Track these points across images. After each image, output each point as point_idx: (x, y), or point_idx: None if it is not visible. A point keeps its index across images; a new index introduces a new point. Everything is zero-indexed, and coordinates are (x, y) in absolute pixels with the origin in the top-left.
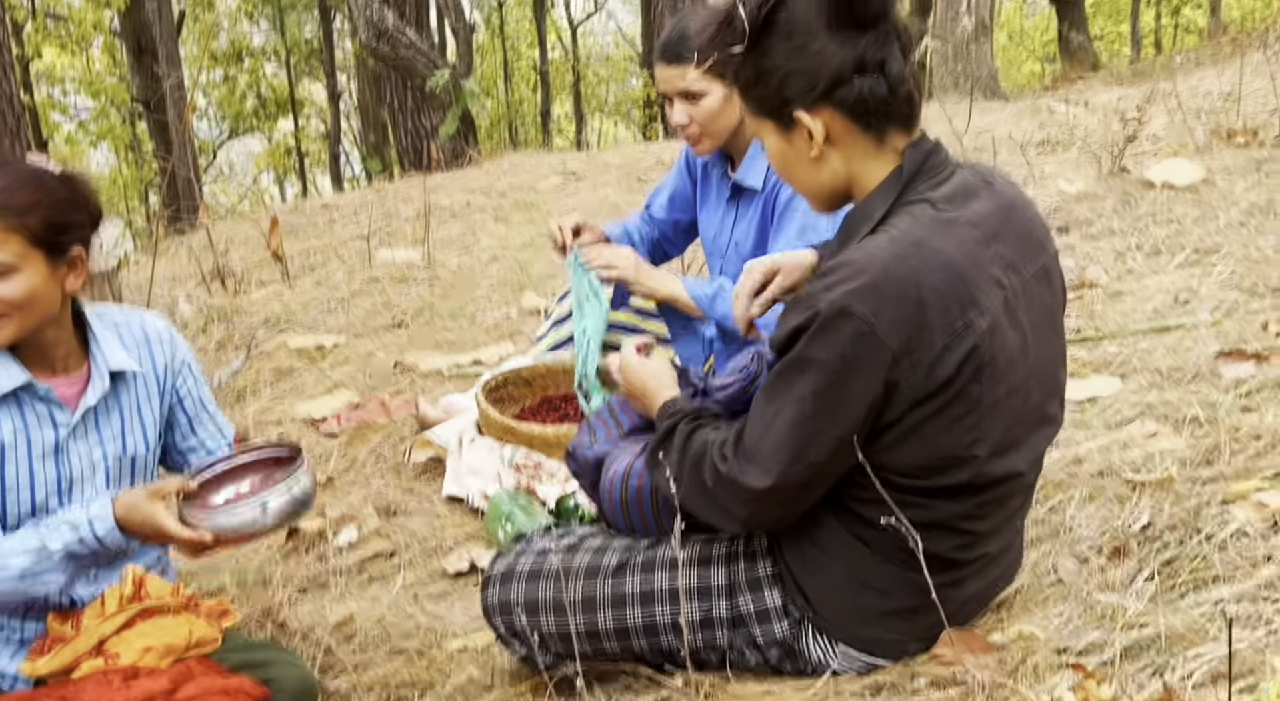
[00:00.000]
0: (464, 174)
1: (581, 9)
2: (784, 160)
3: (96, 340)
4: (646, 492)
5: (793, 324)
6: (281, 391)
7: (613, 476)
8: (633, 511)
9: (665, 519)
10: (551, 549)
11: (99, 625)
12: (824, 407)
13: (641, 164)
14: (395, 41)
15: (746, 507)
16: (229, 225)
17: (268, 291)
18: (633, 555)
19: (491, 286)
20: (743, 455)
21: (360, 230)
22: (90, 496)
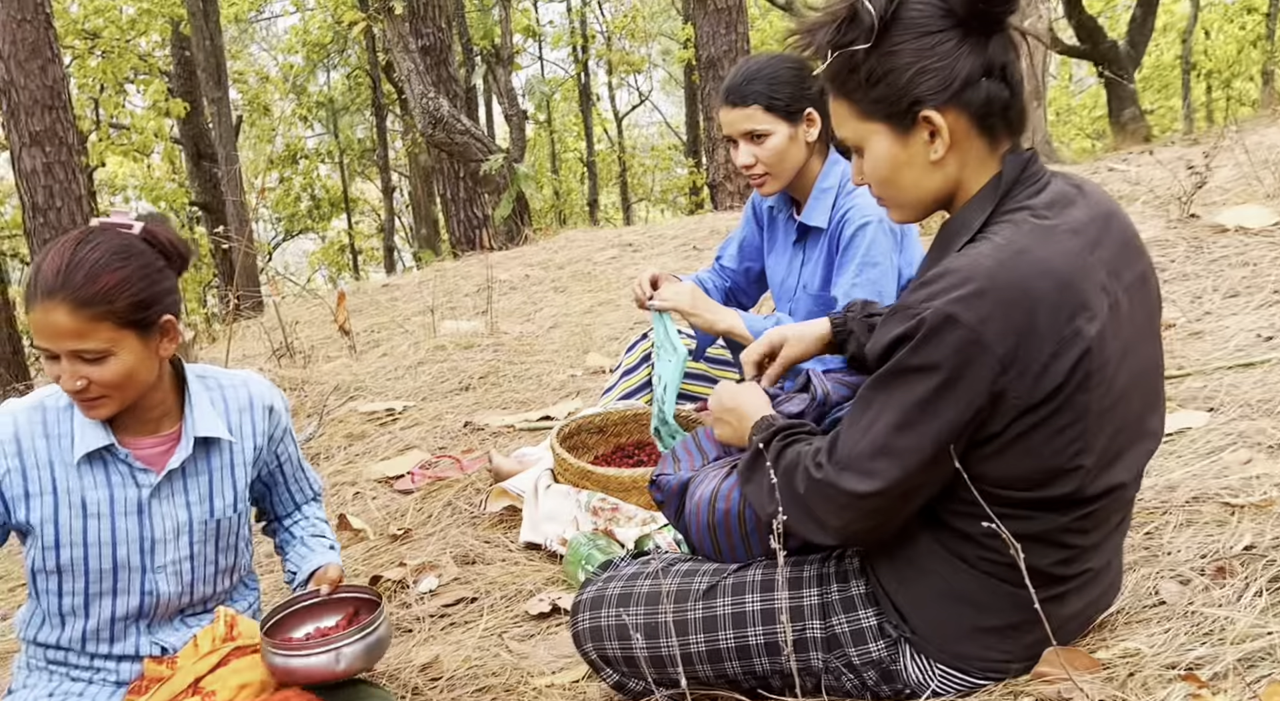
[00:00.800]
0: (521, 251)
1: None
2: (893, 165)
3: (191, 404)
4: (734, 515)
5: (894, 332)
6: (354, 454)
7: (699, 500)
8: (720, 535)
9: (754, 541)
10: (641, 573)
11: (194, 664)
12: (926, 415)
13: (696, 234)
14: (451, 128)
15: (842, 515)
16: (293, 307)
17: (336, 364)
18: (722, 578)
19: (555, 351)
20: (838, 461)
21: (422, 306)
22: (174, 556)
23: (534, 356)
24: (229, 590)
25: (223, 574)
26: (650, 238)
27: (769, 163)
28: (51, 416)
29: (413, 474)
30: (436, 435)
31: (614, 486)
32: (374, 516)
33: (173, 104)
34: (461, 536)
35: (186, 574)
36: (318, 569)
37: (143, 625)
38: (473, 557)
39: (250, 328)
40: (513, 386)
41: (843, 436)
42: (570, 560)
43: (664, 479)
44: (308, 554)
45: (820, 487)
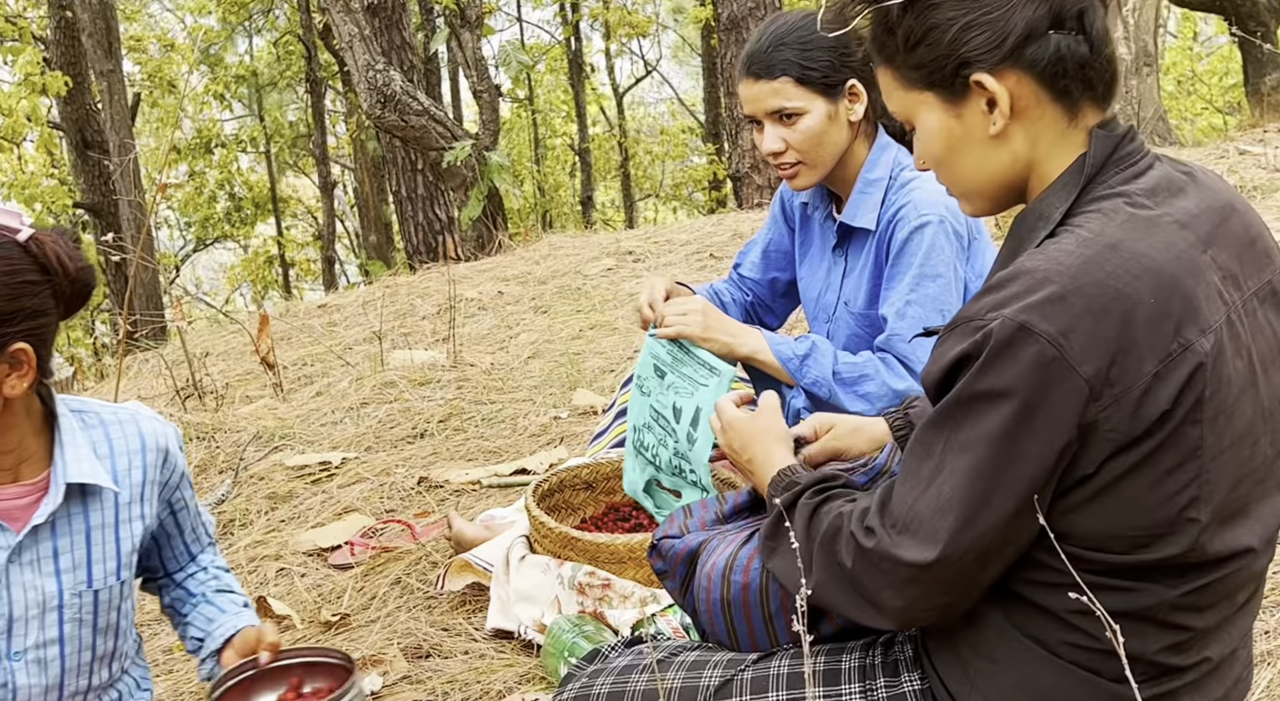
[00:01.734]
0: (494, 262)
1: (628, 74)
2: (947, 142)
3: (61, 444)
4: (755, 590)
5: (955, 352)
6: (279, 520)
7: (710, 570)
8: (736, 615)
9: (779, 625)
10: (636, 666)
11: None
12: (1002, 456)
13: (714, 239)
14: (404, 108)
15: (903, 593)
16: (204, 335)
17: (257, 406)
18: (739, 671)
19: (534, 387)
20: (894, 524)
21: (367, 332)
22: (37, 639)
23: (507, 394)
24: (109, 686)
25: (100, 662)
26: (656, 243)
27: (802, 149)
28: None
29: (352, 544)
30: (383, 495)
31: (605, 556)
32: (302, 598)
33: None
34: (413, 623)
35: (54, 663)
36: (236, 632)
37: None
38: (427, 649)
39: (148, 361)
40: (480, 431)
41: (898, 491)
42: (550, 651)
43: (667, 543)
44: (217, 615)
45: (873, 559)
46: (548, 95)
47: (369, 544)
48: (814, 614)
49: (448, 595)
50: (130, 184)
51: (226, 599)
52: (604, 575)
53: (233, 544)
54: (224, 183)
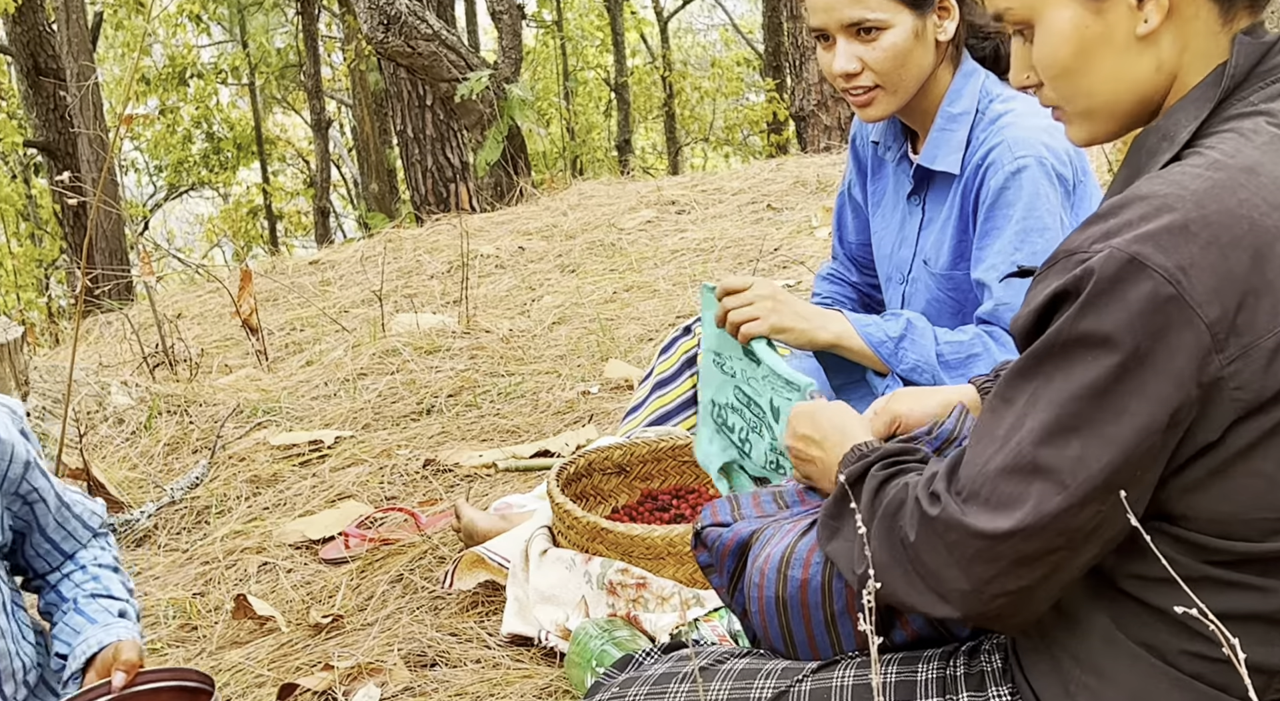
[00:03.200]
0: (514, 212)
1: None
2: (1080, 44)
3: None
4: (815, 589)
5: (1051, 288)
6: (262, 506)
7: (764, 564)
8: (793, 616)
9: (844, 628)
10: (674, 675)
11: None
12: (1100, 413)
13: (772, 187)
14: (412, 31)
15: (971, 571)
16: (176, 295)
17: (237, 377)
18: (796, 681)
19: (559, 356)
20: (962, 487)
21: (366, 293)
22: None
23: (528, 365)
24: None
25: None
26: (704, 192)
27: (882, 69)
28: None
29: (347, 535)
30: (383, 479)
31: (641, 551)
32: (288, 598)
33: None
34: (417, 626)
35: None
36: (100, 650)
37: None
38: (433, 657)
39: (110, 324)
40: (496, 408)
41: (970, 451)
42: (575, 660)
43: (713, 532)
44: (84, 626)
45: (937, 529)
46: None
47: (366, 535)
48: (885, 617)
49: (457, 595)
50: (91, 119)
51: (99, 605)
52: (639, 573)
53: (208, 534)
54: (200, 120)
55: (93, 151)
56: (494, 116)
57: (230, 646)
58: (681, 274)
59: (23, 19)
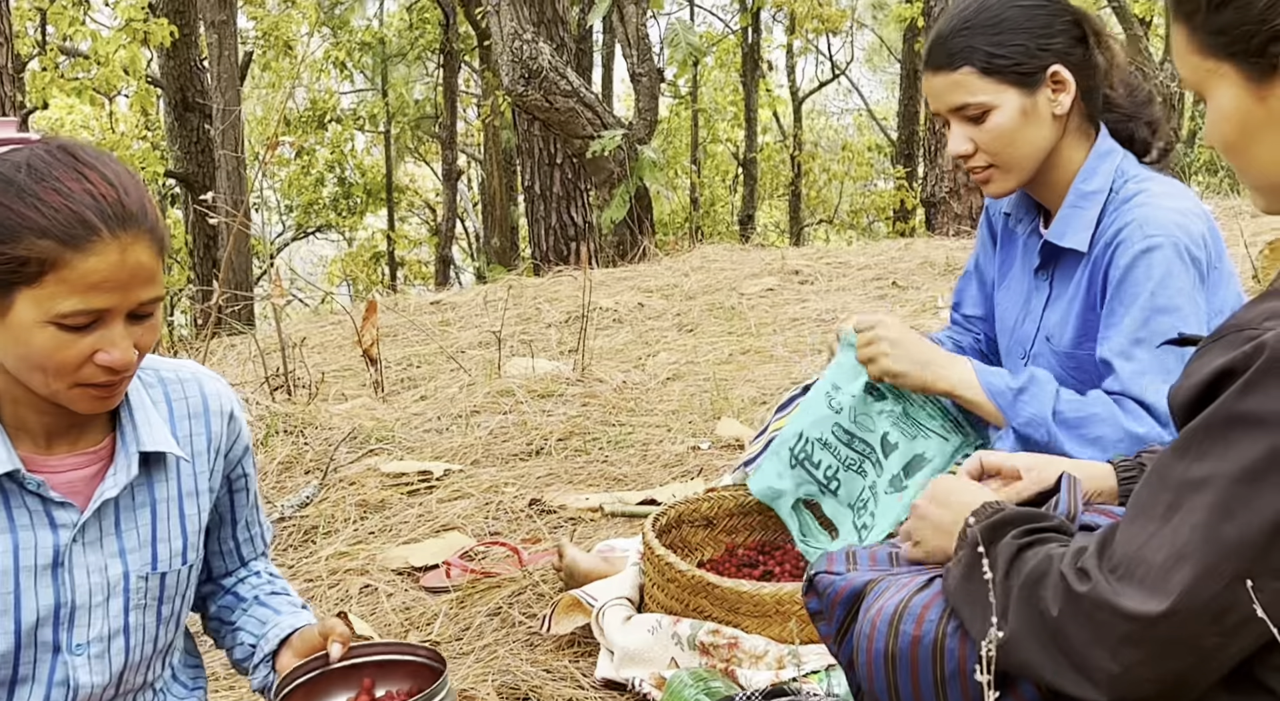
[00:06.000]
0: (635, 270)
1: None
2: (1242, 126)
3: (129, 407)
4: (926, 647)
5: (1216, 365)
6: (368, 531)
7: (876, 616)
8: (901, 673)
9: (953, 690)
10: None
11: None
12: (1261, 494)
13: (899, 264)
14: (551, 86)
15: (1119, 654)
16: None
17: (354, 405)
18: None
19: (671, 412)
20: (1115, 567)
21: (485, 335)
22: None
23: (641, 417)
24: (164, 684)
25: (159, 656)
26: (828, 265)
27: (993, 150)
28: None
29: (449, 565)
30: (488, 514)
31: (747, 608)
32: (388, 620)
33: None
34: (512, 660)
35: (117, 657)
36: (294, 632)
37: None
38: (526, 691)
39: (235, 347)
40: (604, 455)
41: (1123, 529)
42: None
43: (825, 579)
44: (271, 617)
45: (1085, 607)
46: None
47: (468, 566)
48: (997, 684)
49: (553, 636)
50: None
51: (282, 600)
52: (730, 632)
53: (314, 552)
54: (334, 164)
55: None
56: (623, 175)
57: None
58: (800, 342)
59: (176, 54)
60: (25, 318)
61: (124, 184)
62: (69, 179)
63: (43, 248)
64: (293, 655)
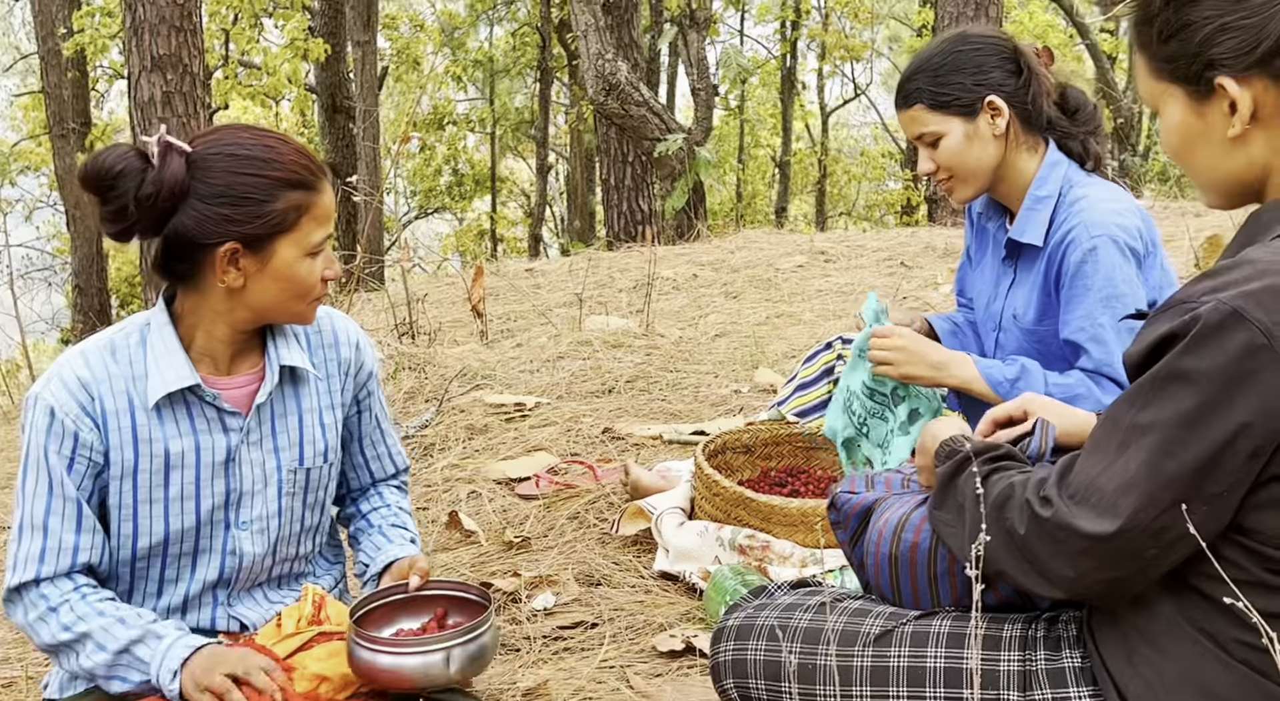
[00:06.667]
0: (690, 248)
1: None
2: (1185, 137)
3: (273, 337)
4: (923, 551)
5: (1161, 330)
6: (474, 449)
7: (882, 526)
8: (902, 572)
9: (943, 587)
10: (800, 605)
11: (274, 644)
12: (1194, 437)
13: (907, 248)
14: (627, 97)
15: (1075, 563)
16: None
17: (463, 349)
18: (900, 623)
19: (718, 362)
20: (1074, 494)
21: (568, 297)
22: (260, 511)
23: (693, 365)
24: (311, 556)
25: (308, 534)
26: (848, 247)
27: (949, 166)
28: (123, 355)
29: (538, 477)
30: (570, 438)
31: (778, 518)
32: (489, 520)
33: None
34: (587, 553)
35: (272, 531)
36: (395, 561)
37: (221, 595)
38: (598, 579)
39: (371, 301)
40: (664, 394)
41: (1080, 463)
42: (712, 595)
43: (844, 496)
44: (384, 544)
45: (1048, 528)
46: (757, 107)
47: (553, 479)
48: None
49: (620, 536)
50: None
51: (397, 533)
52: (764, 537)
53: (431, 464)
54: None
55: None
56: (683, 172)
57: (441, 550)
58: (825, 309)
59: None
60: (288, 257)
61: (297, 144)
62: (278, 144)
63: (296, 197)
64: (388, 578)
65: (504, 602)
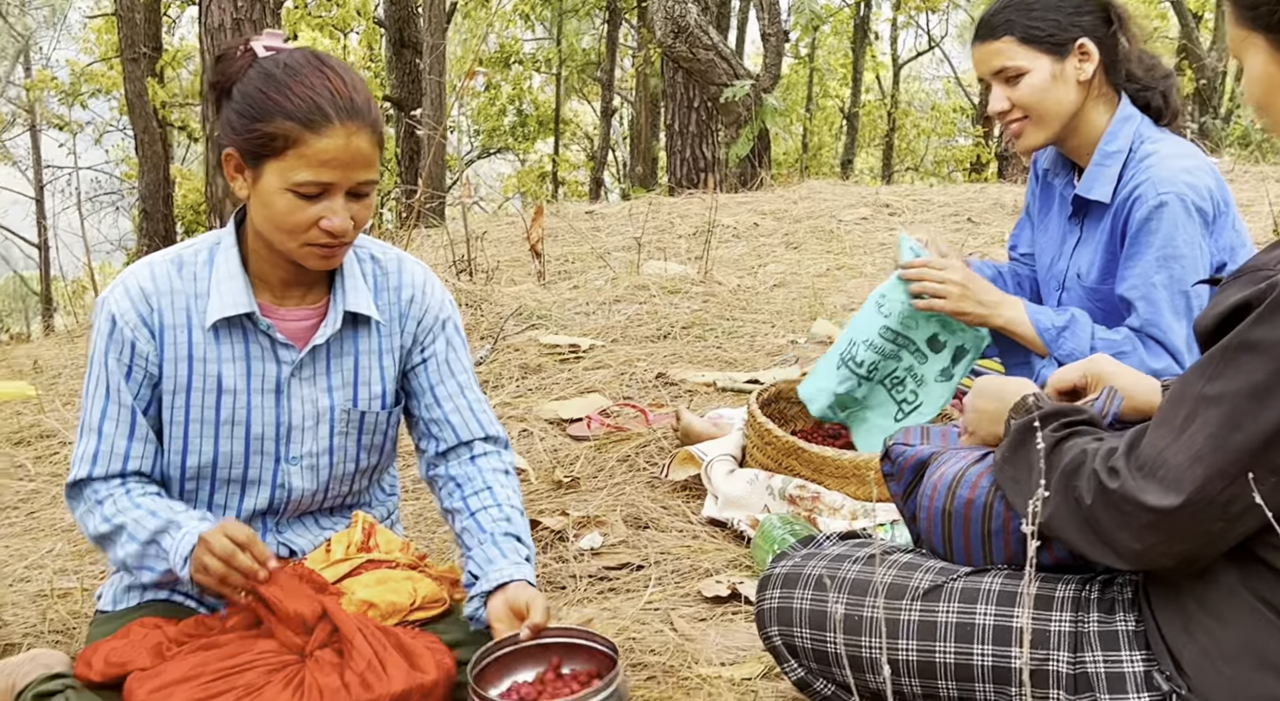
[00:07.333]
0: (753, 196)
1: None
2: (1267, 87)
3: (342, 275)
4: (979, 507)
5: (1234, 298)
6: (528, 388)
7: (937, 480)
8: (955, 527)
9: (996, 545)
10: (849, 556)
11: (323, 570)
12: (1264, 408)
13: (975, 204)
14: (695, 41)
15: (1141, 537)
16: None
17: (520, 289)
18: (950, 579)
19: (776, 312)
20: (1141, 467)
21: (627, 241)
22: (311, 447)
23: (750, 313)
24: (365, 492)
25: (362, 474)
26: (914, 201)
27: (1026, 104)
28: (189, 272)
29: (590, 419)
30: (623, 382)
31: (830, 470)
32: (539, 458)
33: None
34: (636, 496)
35: (323, 469)
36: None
37: (270, 522)
38: (645, 522)
39: (430, 237)
40: (719, 342)
41: (1149, 435)
42: (760, 543)
43: (900, 448)
44: (497, 559)
45: (1114, 500)
46: (828, 57)
47: (605, 421)
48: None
49: (670, 481)
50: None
51: (511, 546)
52: (814, 488)
53: None
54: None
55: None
56: (749, 119)
57: None
58: (887, 262)
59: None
60: (270, 184)
61: (356, 85)
62: (314, 76)
63: (287, 127)
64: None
65: (550, 540)
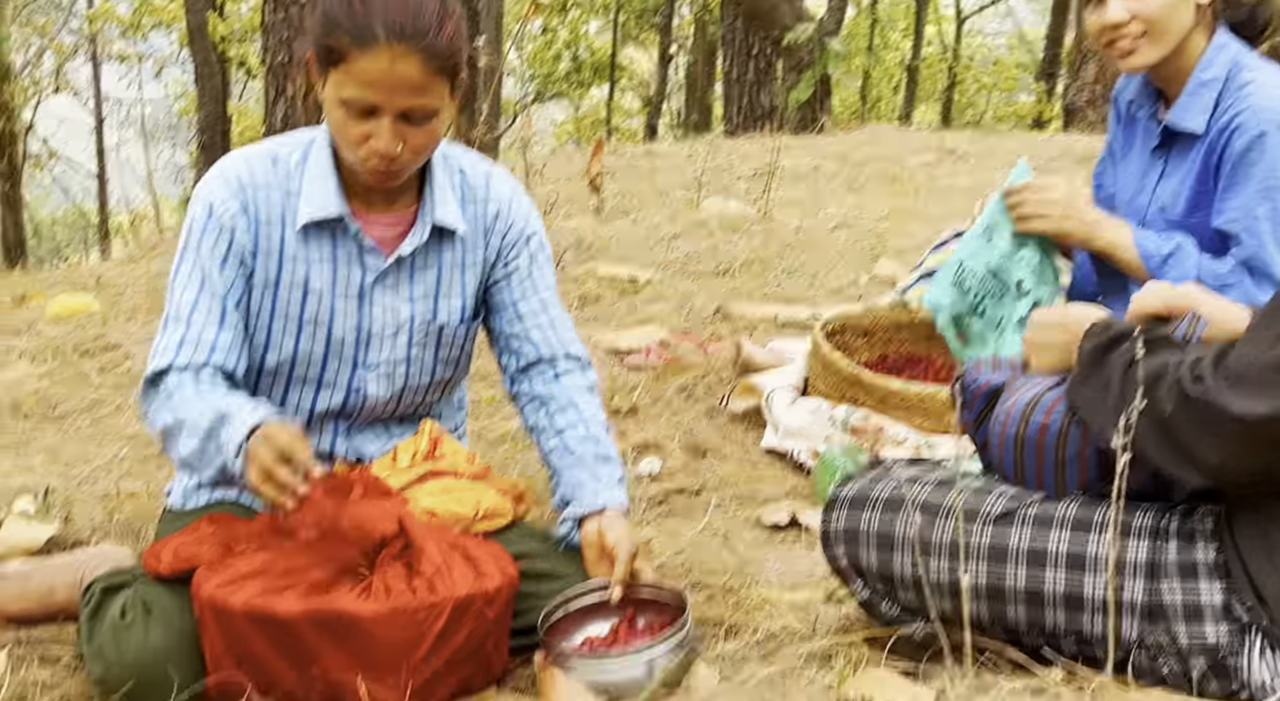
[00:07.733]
0: (814, 140)
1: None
2: None
3: (432, 186)
4: (1054, 433)
5: None
6: (586, 318)
7: (1010, 407)
8: (1028, 454)
9: (1071, 472)
10: (920, 478)
11: (388, 477)
12: None
13: (1043, 151)
14: None
15: (1222, 447)
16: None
17: (578, 222)
18: (1023, 504)
19: (838, 252)
20: (1229, 374)
21: (687, 179)
22: (388, 356)
23: (811, 252)
24: (437, 404)
25: (436, 386)
26: (981, 147)
27: (1150, 18)
28: (283, 168)
29: (649, 349)
30: (682, 315)
31: (895, 401)
32: (599, 387)
33: None
34: (695, 425)
35: (399, 379)
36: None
37: (343, 426)
38: (705, 449)
39: None
40: (780, 279)
41: (1239, 347)
42: (821, 474)
43: (972, 376)
44: (588, 482)
45: (1197, 407)
46: (890, 8)
47: (664, 353)
48: (1111, 469)
49: (729, 413)
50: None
51: (605, 469)
52: (878, 420)
53: None
54: (571, 43)
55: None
56: (812, 63)
57: None
58: (952, 206)
59: None
60: (331, 93)
61: (423, 8)
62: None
63: (342, 42)
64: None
65: None
